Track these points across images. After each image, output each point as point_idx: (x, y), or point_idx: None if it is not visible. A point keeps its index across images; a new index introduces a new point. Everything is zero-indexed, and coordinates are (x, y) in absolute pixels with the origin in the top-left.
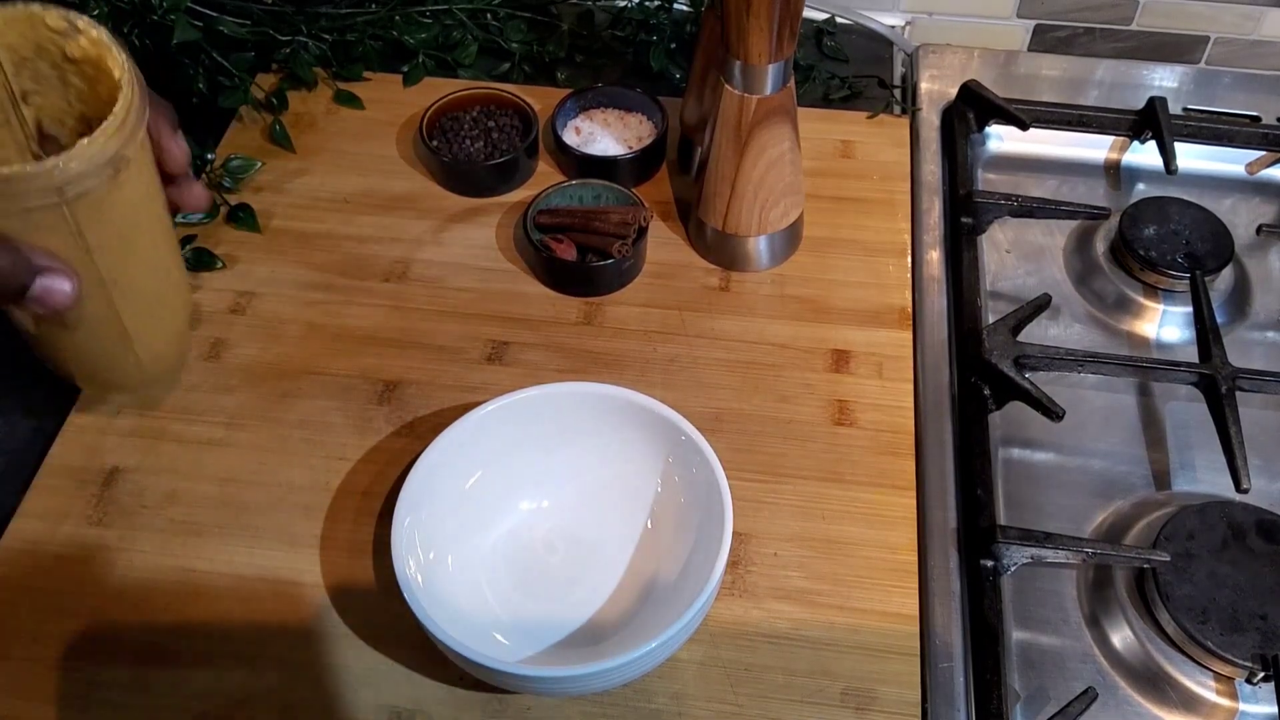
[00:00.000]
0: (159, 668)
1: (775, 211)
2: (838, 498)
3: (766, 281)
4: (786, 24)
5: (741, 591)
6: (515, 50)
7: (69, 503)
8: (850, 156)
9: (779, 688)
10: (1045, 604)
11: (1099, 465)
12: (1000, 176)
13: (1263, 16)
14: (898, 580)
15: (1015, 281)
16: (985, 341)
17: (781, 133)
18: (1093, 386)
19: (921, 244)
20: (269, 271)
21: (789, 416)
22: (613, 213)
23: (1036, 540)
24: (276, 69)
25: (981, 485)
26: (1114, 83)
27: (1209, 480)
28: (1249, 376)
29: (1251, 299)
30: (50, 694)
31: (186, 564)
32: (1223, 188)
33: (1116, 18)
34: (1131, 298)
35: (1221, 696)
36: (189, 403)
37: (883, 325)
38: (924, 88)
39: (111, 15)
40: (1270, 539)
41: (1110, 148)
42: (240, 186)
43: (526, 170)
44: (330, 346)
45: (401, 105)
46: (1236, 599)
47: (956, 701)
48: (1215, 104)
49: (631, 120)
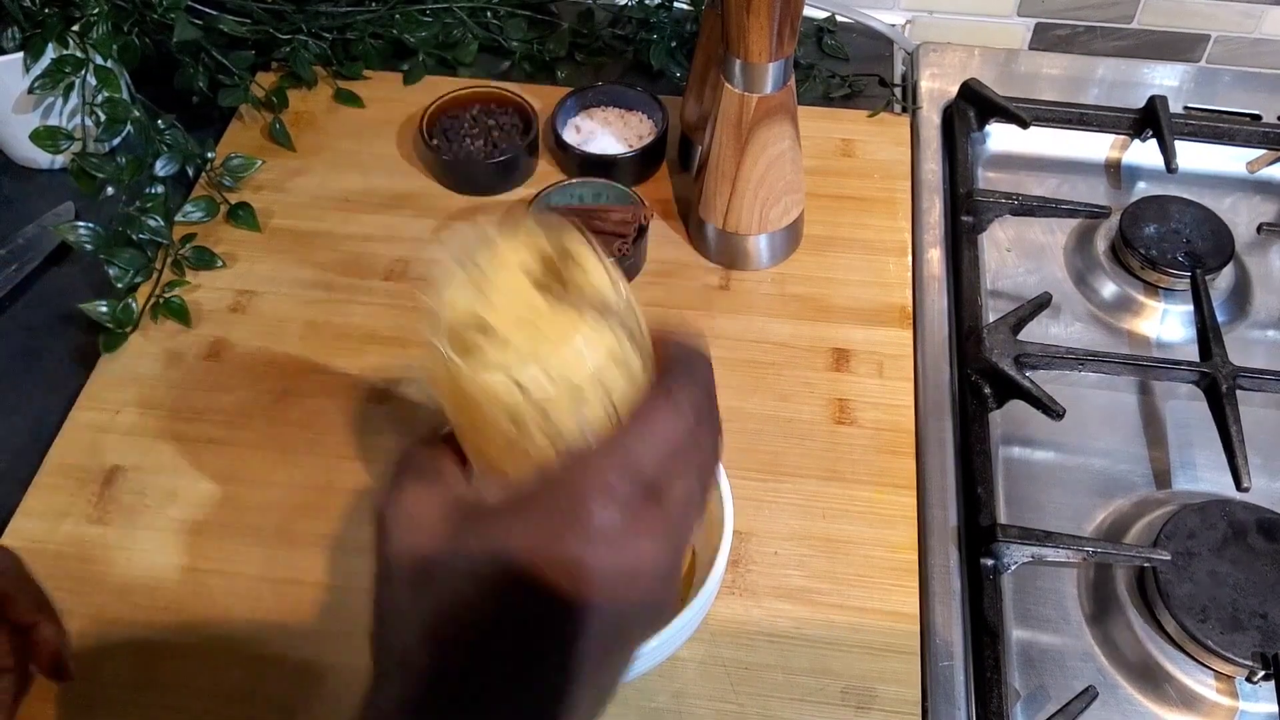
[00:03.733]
0: (159, 667)
1: (776, 210)
2: (838, 496)
3: (767, 280)
4: (787, 22)
5: (742, 590)
6: (515, 49)
7: (69, 501)
8: (851, 155)
9: (779, 686)
10: (1046, 602)
11: (1099, 464)
12: (1001, 175)
13: (1263, 15)
14: (898, 579)
15: (1016, 280)
16: (986, 340)
17: (782, 131)
18: (1093, 385)
19: (922, 243)
20: (269, 270)
21: (789, 415)
22: (613, 211)
23: (1037, 539)
24: (277, 67)
25: (982, 484)
26: (1114, 81)
27: (1209, 479)
28: (1249, 375)
29: (1252, 298)
30: (50, 694)
31: (187, 563)
32: (1223, 186)
33: (1117, 16)
34: (1132, 296)
35: (1222, 695)
36: (189, 402)
37: (883, 324)
38: (924, 86)
39: (112, 14)
40: (1271, 538)
41: (1111, 146)
42: (240, 185)
43: (527, 169)
44: (330, 346)
45: (402, 104)
46: (1237, 598)
47: (957, 700)
48: (1216, 102)
49: (632, 119)
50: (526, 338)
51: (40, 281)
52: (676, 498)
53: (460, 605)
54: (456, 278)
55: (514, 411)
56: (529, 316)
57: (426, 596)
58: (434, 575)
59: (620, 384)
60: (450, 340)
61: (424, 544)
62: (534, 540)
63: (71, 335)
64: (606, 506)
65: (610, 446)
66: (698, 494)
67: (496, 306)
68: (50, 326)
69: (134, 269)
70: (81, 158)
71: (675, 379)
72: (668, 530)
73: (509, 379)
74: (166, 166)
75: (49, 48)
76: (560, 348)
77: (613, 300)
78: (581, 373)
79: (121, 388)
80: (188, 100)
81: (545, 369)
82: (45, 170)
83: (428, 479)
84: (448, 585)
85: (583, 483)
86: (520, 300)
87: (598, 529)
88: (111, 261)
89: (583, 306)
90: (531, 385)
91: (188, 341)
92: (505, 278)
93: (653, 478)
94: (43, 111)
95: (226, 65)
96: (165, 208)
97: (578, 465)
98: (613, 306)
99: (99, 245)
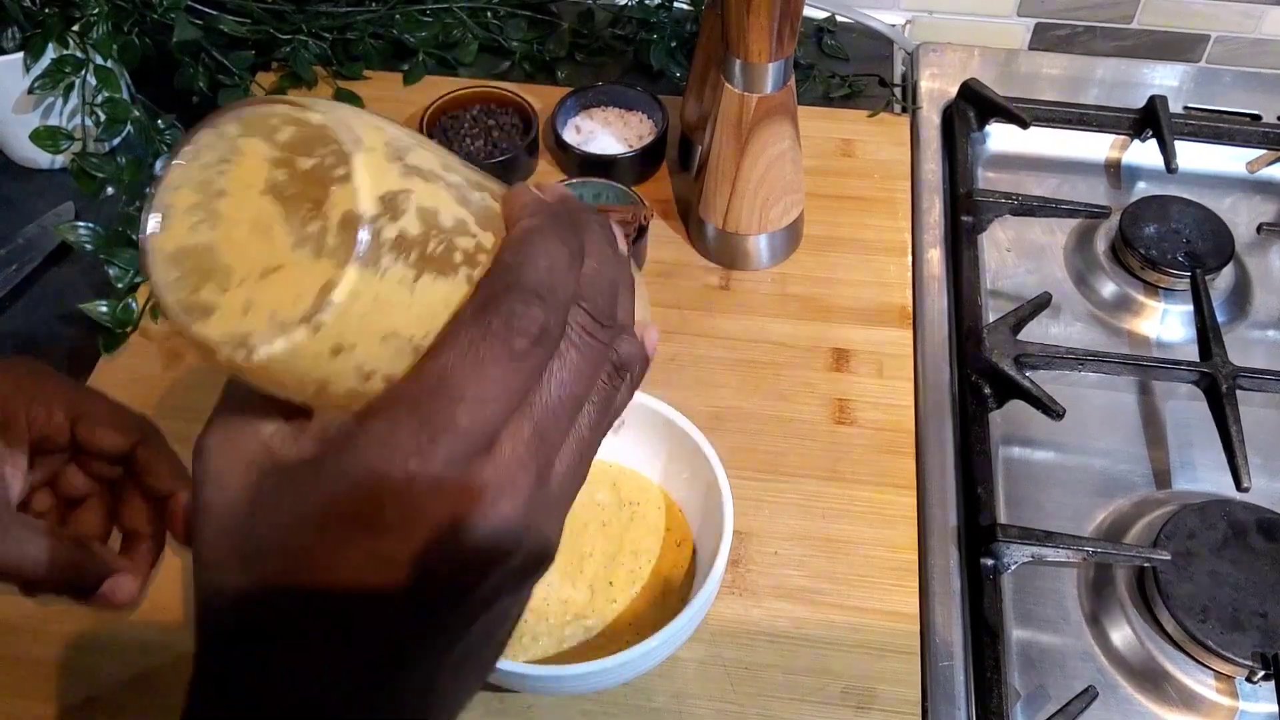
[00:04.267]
0: (159, 666)
1: (776, 210)
2: (838, 496)
3: (767, 280)
4: (787, 22)
5: (742, 590)
6: (515, 49)
7: None
8: (851, 155)
9: (779, 686)
10: (1045, 602)
11: (1099, 464)
12: (1001, 175)
13: (1263, 15)
14: (898, 579)
15: (1015, 280)
16: (986, 340)
17: (782, 131)
18: (1093, 385)
19: (922, 243)
20: None
21: (789, 415)
22: (613, 211)
23: (1037, 539)
24: (277, 67)
25: (982, 484)
26: (1114, 81)
27: (1209, 479)
28: (1249, 375)
29: (1252, 297)
30: (50, 694)
31: (187, 562)
32: (1223, 186)
33: (1117, 16)
34: (1132, 296)
35: (1222, 695)
36: (189, 401)
37: (883, 324)
38: (924, 86)
39: (112, 14)
40: (1271, 538)
41: (1111, 146)
42: None
43: (527, 169)
44: None
45: (402, 104)
46: (1237, 597)
47: (957, 700)
48: (1216, 102)
49: (632, 119)
50: (258, 281)
51: (40, 281)
52: (516, 449)
53: (284, 573)
54: (181, 195)
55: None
56: (260, 249)
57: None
58: (253, 532)
59: (403, 308)
60: (171, 276)
61: (235, 495)
62: (396, 460)
63: (71, 335)
64: (484, 390)
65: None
66: (547, 431)
67: (223, 236)
68: (50, 326)
69: (134, 269)
70: (81, 158)
71: (494, 295)
72: (512, 484)
73: (232, 335)
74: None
75: (49, 48)
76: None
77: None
78: (332, 315)
79: (121, 388)
80: (188, 100)
81: (278, 323)
82: (45, 170)
83: (231, 422)
84: (266, 545)
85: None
86: (253, 226)
87: (483, 431)
88: (111, 261)
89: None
90: (261, 347)
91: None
92: (236, 195)
93: (529, 338)
94: (43, 111)
95: (226, 65)
96: None
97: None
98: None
99: (99, 245)
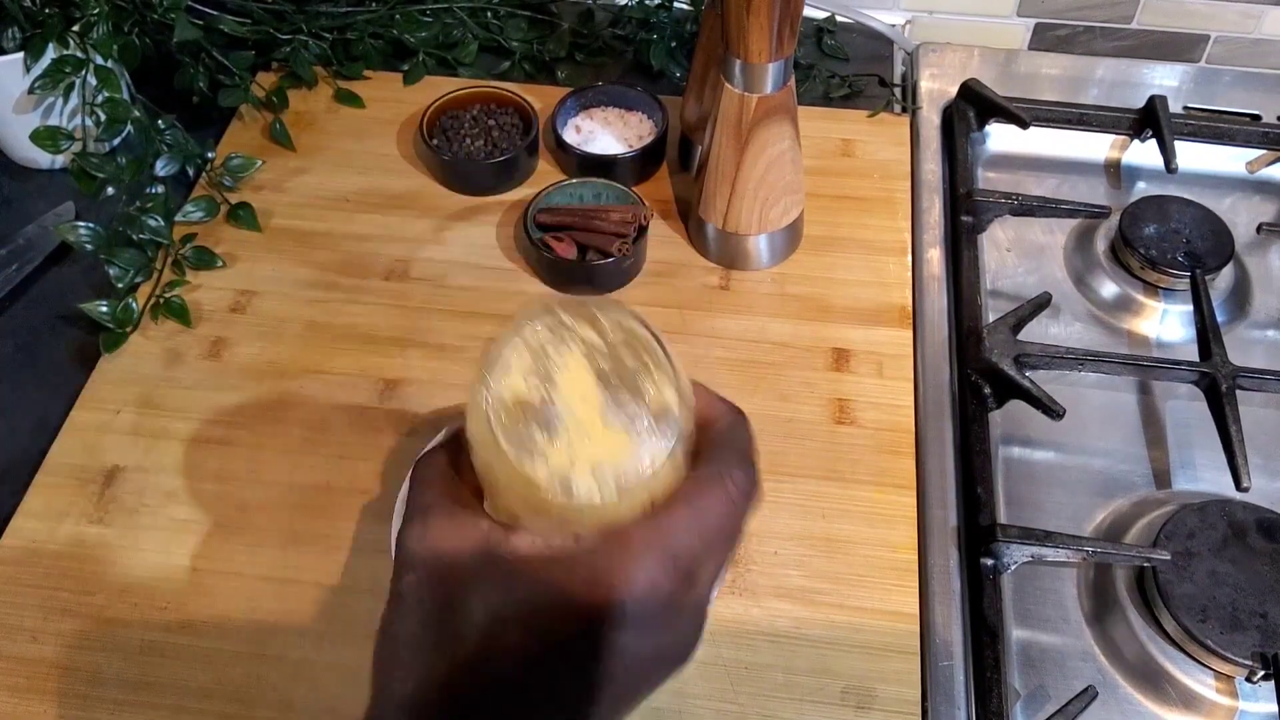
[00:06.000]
0: (159, 667)
1: (775, 210)
2: (838, 496)
3: (767, 280)
4: (787, 22)
5: (742, 590)
6: (515, 49)
7: (70, 501)
8: (850, 155)
9: (779, 686)
10: (1045, 602)
11: (1099, 464)
12: (1000, 175)
13: (1263, 15)
14: (898, 579)
15: (1015, 280)
16: (985, 340)
17: (782, 131)
18: (1093, 385)
19: (922, 243)
20: (269, 270)
21: (789, 415)
22: (613, 211)
23: (1036, 539)
24: (277, 67)
25: (982, 484)
26: (1114, 81)
27: (1209, 479)
28: (1249, 375)
29: (1252, 297)
30: (50, 694)
31: (187, 563)
32: (1223, 186)
33: (1117, 16)
34: (1132, 296)
35: (1221, 695)
36: (189, 402)
37: (883, 324)
38: (924, 86)
39: (112, 14)
40: (1270, 537)
41: (1110, 146)
42: (240, 185)
43: (527, 169)
44: (330, 346)
45: (402, 104)
46: (1237, 597)
47: (957, 700)
48: (1215, 102)
49: (632, 119)
50: (583, 442)
51: (40, 281)
52: (710, 574)
53: (494, 649)
54: (521, 358)
55: (550, 506)
56: (588, 417)
57: (450, 638)
58: (466, 614)
59: (667, 479)
60: (502, 417)
61: (453, 582)
62: (582, 591)
63: (71, 335)
64: (646, 595)
65: (657, 532)
66: (726, 563)
67: (559, 401)
68: (50, 326)
69: (134, 269)
70: (81, 158)
71: (727, 463)
72: (698, 609)
73: (555, 478)
74: (167, 166)
75: (49, 48)
76: (618, 457)
77: (674, 404)
78: (633, 480)
79: (121, 388)
80: (188, 100)
81: (598, 480)
82: (45, 170)
83: (454, 514)
84: (480, 626)
85: (625, 565)
86: (582, 398)
87: (634, 615)
88: (112, 261)
89: (644, 412)
90: (581, 493)
91: (188, 341)
92: (571, 371)
93: (693, 563)
94: (43, 111)
95: (227, 65)
96: (165, 208)
97: (619, 544)
98: (673, 411)
99: (99, 245)
